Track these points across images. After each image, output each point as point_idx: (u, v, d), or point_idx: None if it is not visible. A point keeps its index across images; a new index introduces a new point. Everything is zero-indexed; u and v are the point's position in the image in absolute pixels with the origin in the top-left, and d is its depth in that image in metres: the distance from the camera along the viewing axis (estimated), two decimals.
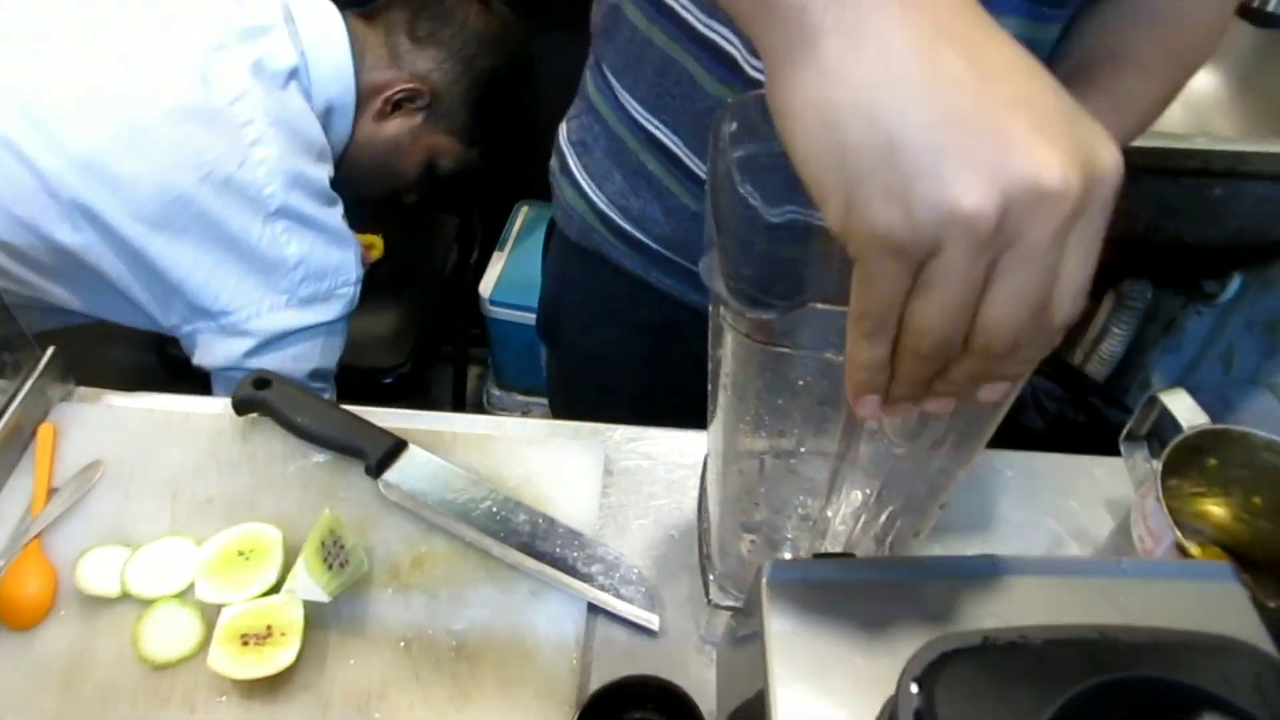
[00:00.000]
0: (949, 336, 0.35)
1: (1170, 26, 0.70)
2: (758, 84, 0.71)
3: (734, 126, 0.55)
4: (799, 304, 0.43)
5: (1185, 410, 0.72)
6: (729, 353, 0.50)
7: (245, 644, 0.65)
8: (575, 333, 1.05)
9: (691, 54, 0.74)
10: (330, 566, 0.68)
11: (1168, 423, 0.73)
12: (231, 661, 0.64)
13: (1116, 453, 0.79)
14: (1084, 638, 0.40)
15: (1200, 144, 1.15)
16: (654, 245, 0.88)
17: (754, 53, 0.70)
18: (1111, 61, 0.71)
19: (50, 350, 0.83)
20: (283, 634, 0.66)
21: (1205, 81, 1.43)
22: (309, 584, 0.68)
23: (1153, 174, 1.18)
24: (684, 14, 0.73)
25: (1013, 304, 0.34)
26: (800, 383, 0.49)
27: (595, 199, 0.90)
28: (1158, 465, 0.69)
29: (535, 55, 1.43)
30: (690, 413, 0.90)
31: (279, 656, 0.65)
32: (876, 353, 0.37)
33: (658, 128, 0.81)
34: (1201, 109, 1.42)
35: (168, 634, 0.68)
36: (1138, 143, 1.15)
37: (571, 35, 0.87)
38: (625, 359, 1.01)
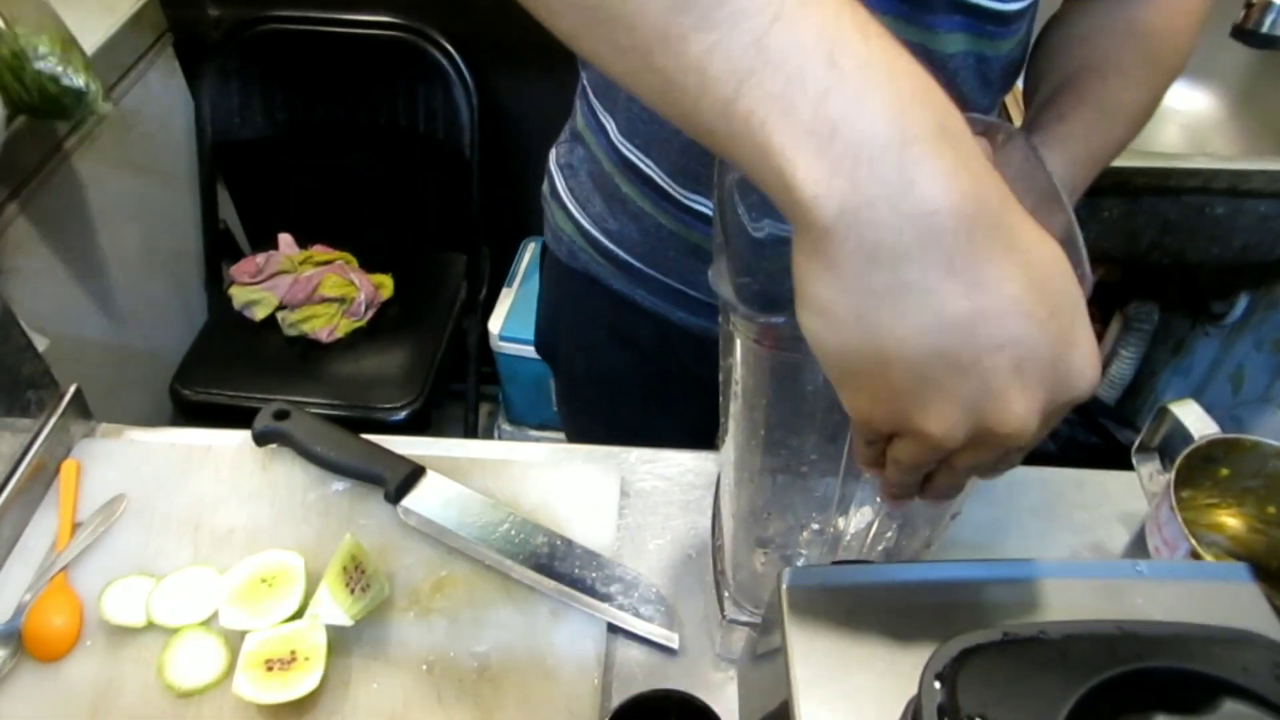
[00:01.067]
0: (921, 469, 0.42)
1: (1149, 36, 0.74)
2: None
3: None
4: None
5: (1195, 420, 0.72)
6: (739, 360, 0.51)
7: (270, 669, 0.66)
8: (572, 351, 1.07)
9: None
10: (352, 591, 0.69)
11: (1179, 434, 0.74)
12: (256, 687, 0.65)
13: (1130, 470, 0.80)
14: (1103, 632, 0.41)
15: (1201, 163, 1.16)
16: (637, 264, 0.90)
17: None
18: (1097, 73, 0.73)
19: (73, 387, 0.85)
20: (306, 658, 0.66)
21: (1203, 102, 1.45)
22: (331, 609, 0.68)
23: (1154, 193, 1.19)
24: None
25: (972, 468, 0.41)
26: (809, 388, 0.50)
27: (581, 220, 0.93)
28: (1170, 475, 0.70)
29: (535, 93, 1.44)
30: (692, 426, 0.91)
31: (303, 681, 0.65)
32: (872, 453, 0.43)
33: (632, 151, 0.83)
34: (1200, 129, 1.43)
35: (193, 662, 0.68)
36: (1139, 163, 1.17)
37: (569, 75, 0.89)
38: (622, 376, 1.03)
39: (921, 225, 0.34)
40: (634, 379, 1.02)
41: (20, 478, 0.77)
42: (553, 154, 0.98)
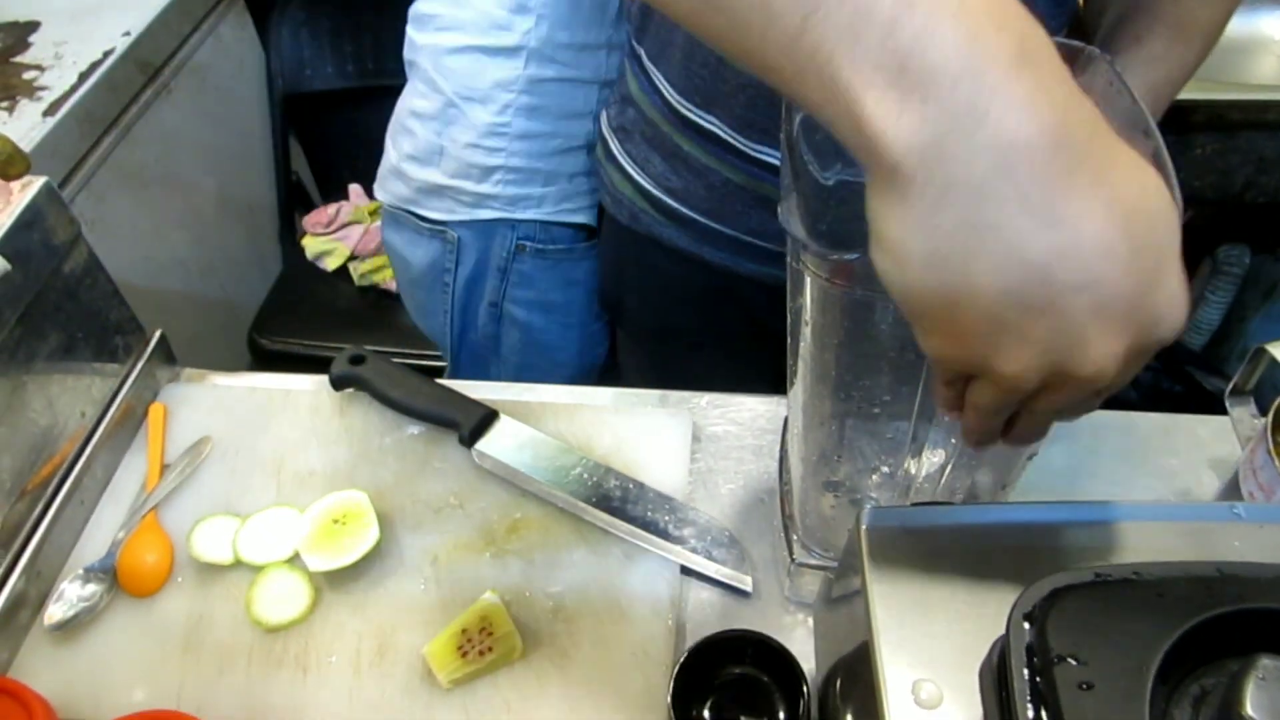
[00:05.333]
0: (1001, 414, 0.40)
1: None
2: None
3: None
4: None
5: None
6: (809, 300, 0.50)
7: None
8: (637, 308, 1.07)
9: None
10: (465, 654, 0.66)
11: (1275, 376, 0.71)
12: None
13: (1220, 415, 0.77)
14: (1202, 574, 0.40)
15: None
16: (702, 220, 0.89)
17: None
18: None
19: (158, 333, 0.87)
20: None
21: None
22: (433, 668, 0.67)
23: (1250, 129, 1.14)
24: None
25: (1053, 411, 0.40)
26: (882, 327, 0.49)
27: (641, 181, 0.92)
28: (1268, 418, 0.67)
29: None
30: (756, 375, 0.91)
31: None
32: (951, 395, 0.42)
33: (692, 110, 0.82)
34: None
35: (279, 598, 0.70)
36: (1234, 96, 1.12)
37: None
38: (688, 330, 1.03)
39: (996, 159, 0.32)
40: (700, 333, 1.02)
41: (110, 420, 0.80)
42: (603, 117, 0.97)
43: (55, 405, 0.76)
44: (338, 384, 0.84)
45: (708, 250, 0.91)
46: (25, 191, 0.73)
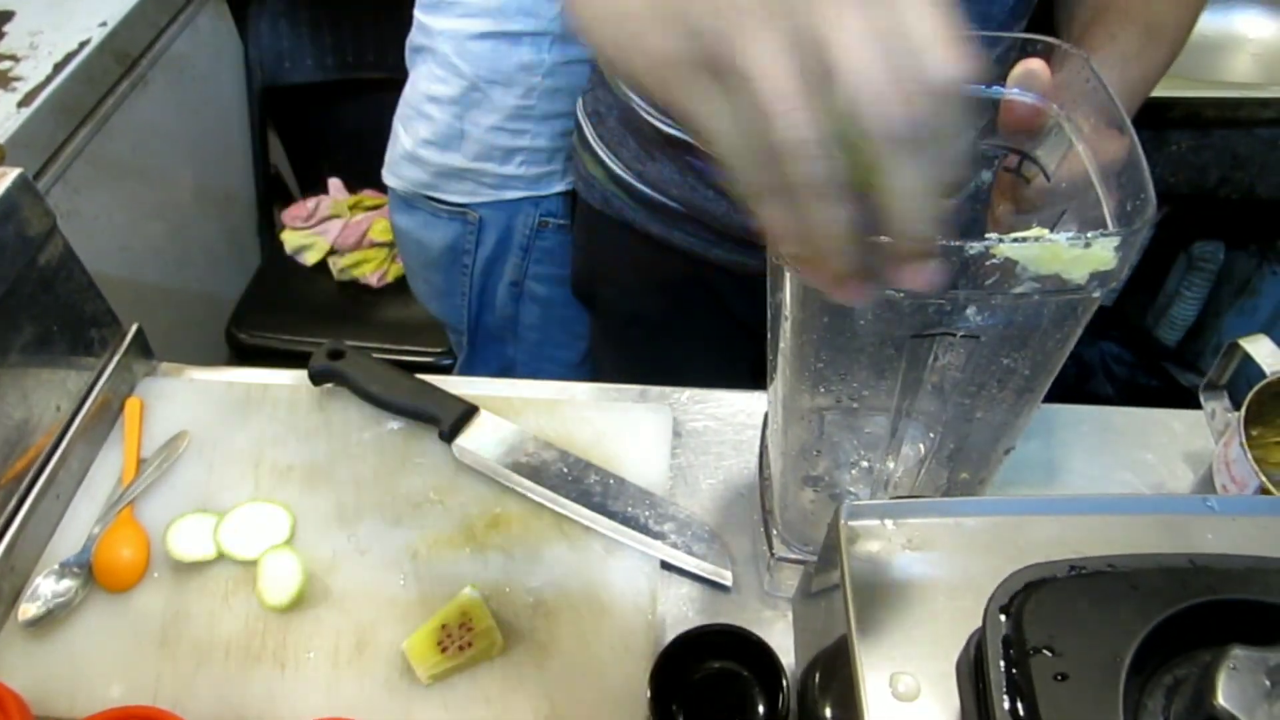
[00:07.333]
0: (806, 131, 0.32)
1: None
2: None
3: None
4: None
5: (1268, 355, 0.70)
6: (789, 295, 0.50)
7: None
8: (608, 294, 1.07)
9: None
10: (444, 650, 0.66)
11: (1249, 370, 0.72)
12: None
13: (1195, 410, 0.78)
14: (1175, 565, 0.40)
15: (1275, 93, 1.12)
16: (673, 205, 0.90)
17: None
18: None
19: (135, 327, 0.86)
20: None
21: (1276, 30, 1.38)
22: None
23: (1224, 126, 1.15)
24: None
25: (858, 49, 0.31)
26: (861, 322, 0.49)
27: (613, 166, 0.92)
28: (1240, 411, 0.68)
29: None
30: (728, 362, 0.90)
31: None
32: (778, 213, 0.35)
33: None
34: (1273, 59, 1.37)
35: (279, 579, 0.70)
36: (1209, 94, 1.13)
37: None
38: (658, 316, 1.03)
39: None
40: (670, 319, 1.03)
41: (86, 414, 0.79)
42: (579, 103, 0.98)
43: (30, 399, 0.75)
44: (317, 379, 0.84)
45: (677, 235, 0.92)
46: None
